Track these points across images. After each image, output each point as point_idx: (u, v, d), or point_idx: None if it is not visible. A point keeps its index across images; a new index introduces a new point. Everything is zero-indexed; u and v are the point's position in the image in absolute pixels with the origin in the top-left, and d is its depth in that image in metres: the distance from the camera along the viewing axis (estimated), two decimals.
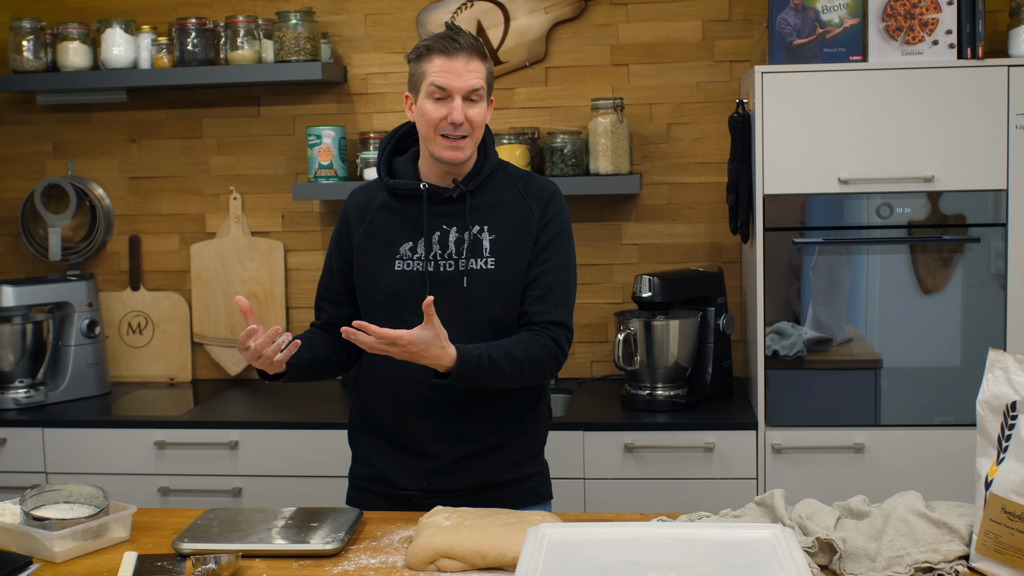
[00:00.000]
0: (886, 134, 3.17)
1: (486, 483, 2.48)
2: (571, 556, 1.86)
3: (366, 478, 2.55)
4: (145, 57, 3.81)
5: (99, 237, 4.03)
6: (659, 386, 3.42)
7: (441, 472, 2.47)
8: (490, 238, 2.43)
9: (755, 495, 3.14)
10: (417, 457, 2.48)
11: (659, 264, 3.82)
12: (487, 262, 2.42)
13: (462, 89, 2.36)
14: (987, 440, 1.93)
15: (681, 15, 3.76)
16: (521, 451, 2.52)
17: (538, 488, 2.56)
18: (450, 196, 2.43)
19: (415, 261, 2.43)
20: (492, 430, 2.48)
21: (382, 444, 2.52)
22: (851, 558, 1.96)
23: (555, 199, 2.49)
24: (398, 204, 2.47)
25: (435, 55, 2.36)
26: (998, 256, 3.18)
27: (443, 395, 2.42)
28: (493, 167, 2.48)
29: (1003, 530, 1.86)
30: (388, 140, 2.54)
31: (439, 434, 2.46)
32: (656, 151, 3.80)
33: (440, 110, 2.36)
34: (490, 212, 2.45)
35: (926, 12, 3.16)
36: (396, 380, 2.46)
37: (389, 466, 2.50)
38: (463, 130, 2.37)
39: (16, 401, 3.63)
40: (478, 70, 2.38)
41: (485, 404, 2.45)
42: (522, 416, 2.51)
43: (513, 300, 2.44)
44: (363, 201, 2.52)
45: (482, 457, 2.48)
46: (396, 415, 2.48)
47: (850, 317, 3.27)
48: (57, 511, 2.15)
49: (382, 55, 3.90)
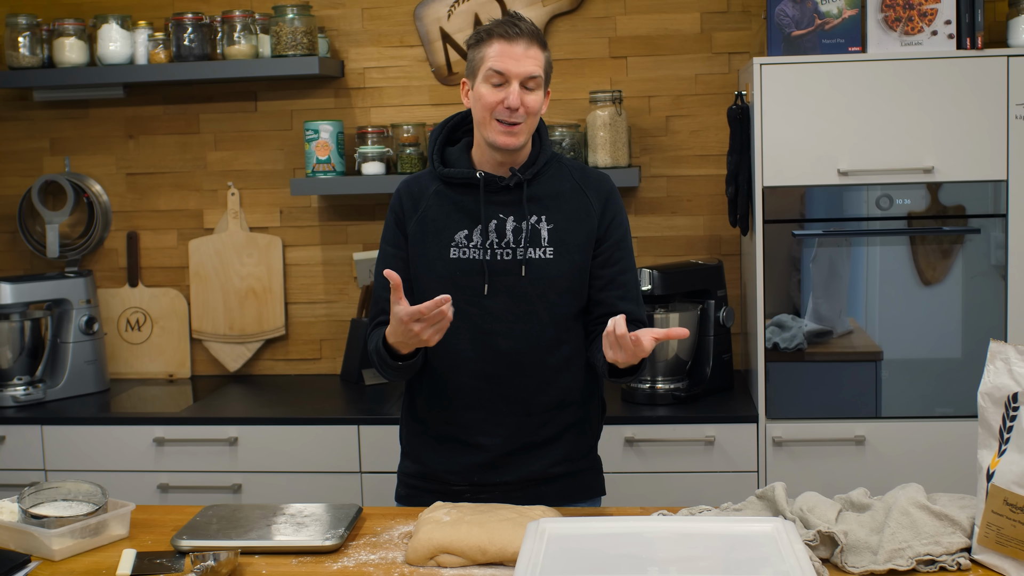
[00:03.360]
0: (885, 125, 3.16)
1: (538, 476, 2.45)
2: (571, 551, 1.86)
3: (415, 476, 2.52)
4: (142, 52, 3.80)
5: (97, 233, 4.02)
6: (659, 379, 3.41)
7: (492, 465, 2.44)
8: (548, 227, 2.41)
9: (756, 488, 3.14)
10: (466, 450, 2.44)
11: (658, 257, 3.81)
12: (546, 251, 2.40)
13: (520, 74, 2.34)
14: (989, 432, 1.93)
15: (679, 7, 3.75)
16: (575, 444, 2.49)
17: (592, 483, 2.54)
18: (507, 184, 2.41)
19: (471, 249, 2.40)
20: (546, 422, 2.45)
21: (429, 440, 2.49)
22: (852, 551, 1.95)
23: (614, 194, 2.49)
24: (452, 193, 2.44)
25: (495, 40, 2.34)
26: (998, 247, 3.17)
27: (500, 385, 2.41)
28: (548, 157, 2.47)
29: (1005, 522, 1.86)
30: (440, 130, 2.52)
31: (493, 426, 2.43)
32: (655, 144, 3.79)
33: (497, 94, 2.34)
34: (547, 202, 2.43)
35: (925, 2, 3.15)
36: (451, 370, 2.43)
37: (437, 461, 2.47)
38: (518, 116, 2.34)
39: (15, 398, 3.62)
40: (537, 57, 2.36)
41: (542, 395, 2.43)
42: (577, 408, 2.49)
43: (570, 290, 2.42)
44: (416, 190, 2.49)
45: (534, 450, 2.45)
46: (449, 406, 2.45)
47: (850, 309, 3.26)
48: (55, 509, 2.15)
49: (379, 49, 3.89)
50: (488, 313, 2.38)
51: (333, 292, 3.98)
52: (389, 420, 3.31)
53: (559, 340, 2.43)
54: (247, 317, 3.98)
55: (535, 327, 2.40)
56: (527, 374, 2.42)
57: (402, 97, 3.89)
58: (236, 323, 3.98)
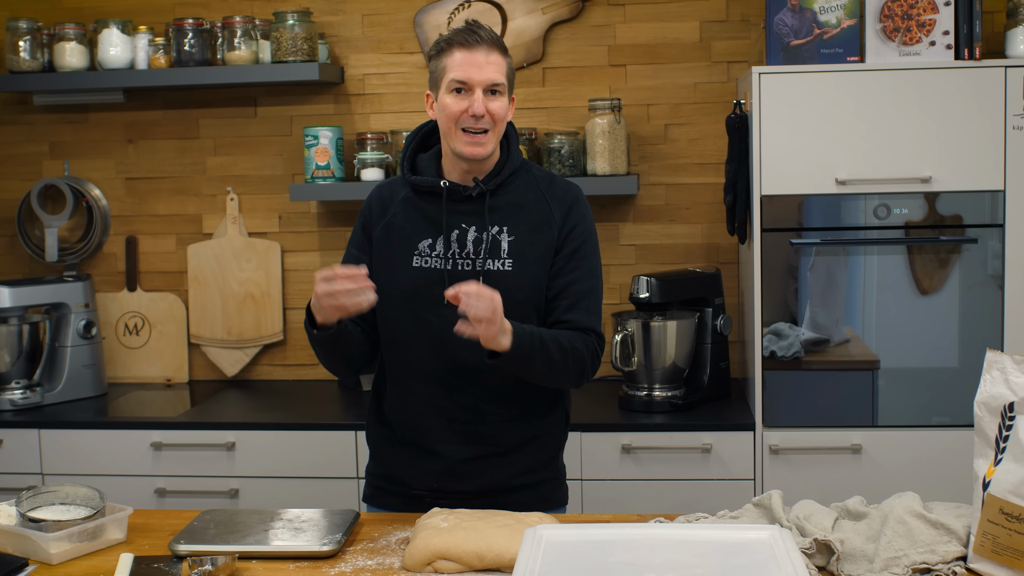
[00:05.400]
0: (883, 135, 3.17)
1: (498, 486, 2.45)
2: (568, 557, 1.86)
3: (380, 476, 2.53)
4: (142, 57, 3.80)
5: (96, 238, 4.03)
6: (656, 387, 3.41)
7: (451, 473, 2.44)
8: (509, 239, 2.40)
9: (752, 496, 3.15)
10: (427, 456, 2.44)
11: (656, 265, 3.81)
12: (504, 263, 2.39)
13: (483, 82, 2.33)
14: (985, 441, 1.93)
15: (678, 16, 3.76)
16: (536, 456, 2.48)
17: (552, 494, 2.52)
18: (470, 195, 2.40)
19: (433, 259, 2.40)
20: (506, 432, 2.44)
21: (395, 442, 2.49)
22: (849, 559, 1.96)
23: (578, 204, 2.46)
24: (419, 201, 2.44)
25: (455, 49, 2.34)
26: (995, 257, 3.18)
27: (458, 394, 2.40)
28: (516, 166, 2.45)
29: (1001, 531, 1.86)
30: (413, 137, 2.52)
31: (450, 434, 2.43)
32: (653, 152, 3.80)
33: (461, 103, 2.34)
34: (510, 213, 2.42)
35: (923, 13, 3.16)
36: (412, 377, 2.43)
37: (400, 465, 2.48)
38: (484, 123, 2.34)
39: (12, 402, 3.62)
40: (498, 64, 2.35)
41: (499, 405, 2.42)
42: (538, 419, 2.48)
43: (528, 302, 2.40)
44: (386, 196, 2.49)
45: (495, 459, 2.44)
46: (409, 412, 2.45)
47: (847, 318, 3.27)
48: (53, 512, 2.15)
49: (379, 56, 3.90)
50: (448, 323, 2.32)
51: None
52: None
53: None
54: (245, 322, 3.98)
55: None
56: (486, 385, 2.40)
57: (402, 104, 3.90)
58: (234, 328, 3.98)
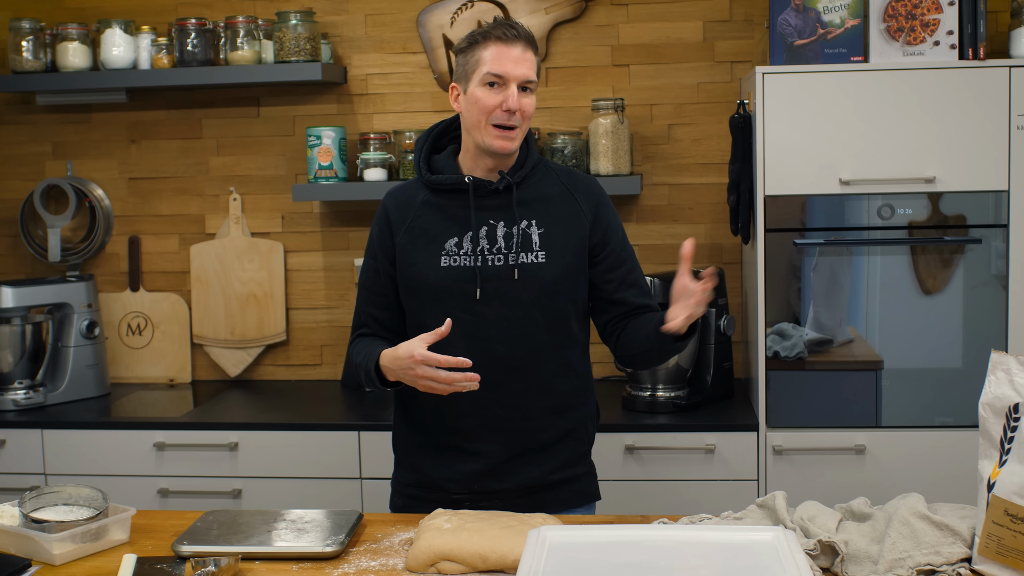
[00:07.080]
0: (887, 135, 3.16)
1: (538, 483, 2.45)
2: (572, 559, 1.86)
3: (412, 485, 2.51)
4: (145, 57, 3.80)
5: (98, 238, 4.03)
6: (660, 387, 3.41)
7: (491, 472, 2.43)
8: (539, 231, 2.41)
9: (756, 497, 3.14)
10: (466, 458, 2.44)
11: (660, 265, 3.81)
12: (538, 256, 2.40)
13: (519, 77, 2.34)
14: (989, 442, 1.93)
15: (682, 15, 3.76)
16: (572, 450, 2.49)
17: (588, 488, 2.54)
18: (496, 188, 2.41)
19: (462, 256, 2.40)
20: (545, 428, 2.45)
21: (428, 448, 2.48)
22: (853, 560, 1.95)
23: (605, 198, 2.51)
24: (441, 200, 2.44)
25: (491, 42, 2.35)
26: (999, 257, 3.17)
27: (497, 392, 2.40)
28: (536, 161, 2.48)
29: (1006, 532, 1.86)
30: (425, 138, 2.51)
31: (491, 432, 2.42)
32: (657, 152, 3.80)
33: (495, 97, 2.34)
34: (536, 206, 2.43)
35: (927, 13, 3.16)
36: None
37: (436, 469, 2.46)
38: (516, 119, 2.35)
39: (15, 402, 3.62)
40: (532, 61, 2.38)
41: (540, 400, 2.43)
42: (573, 413, 2.49)
43: (563, 293, 2.42)
44: (403, 200, 2.48)
45: (534, 456, 2.45)
46: (447, 415, 2.43)
47: (851, 318, 3.26)
48: (56, 513, 2.15)
49: (382, 55, 3.90)
50: (482, 319, 2.38)
51: (334, 298, 3.98)
52: (389, 426, 3.28)
53: (555, 344, 2.43)
54: (248, 322, 3.98)
55: (530, 332, 2.40)
56: (524, 379, 2.42)
57: (404, 104, 3.90)
58: (237, 328, 3.98)
